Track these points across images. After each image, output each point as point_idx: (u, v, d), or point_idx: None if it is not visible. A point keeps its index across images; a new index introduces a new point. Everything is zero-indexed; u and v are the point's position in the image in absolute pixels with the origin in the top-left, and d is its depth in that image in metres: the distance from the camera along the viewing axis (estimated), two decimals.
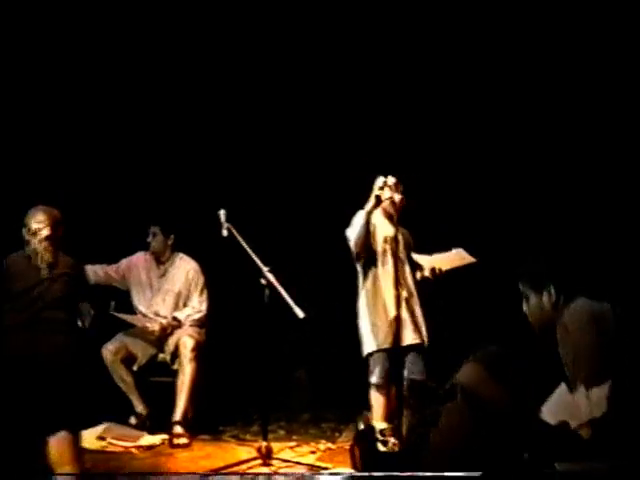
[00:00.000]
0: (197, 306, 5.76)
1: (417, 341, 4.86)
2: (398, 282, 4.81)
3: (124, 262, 5.86)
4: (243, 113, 6.43)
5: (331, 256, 6.18)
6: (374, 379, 4.83)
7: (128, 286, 5.82)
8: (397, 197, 4.99)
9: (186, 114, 6.42)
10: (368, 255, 4.96)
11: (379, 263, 4.96)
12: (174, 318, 5.70)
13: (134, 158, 6.43)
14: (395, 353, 4.81)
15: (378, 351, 4.82)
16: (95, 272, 5.69)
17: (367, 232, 4.87)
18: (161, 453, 5.10)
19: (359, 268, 5.00)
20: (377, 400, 4.84)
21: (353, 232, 4.91)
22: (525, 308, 3.37)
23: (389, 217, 5.05)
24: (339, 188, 6.16)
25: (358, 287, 4.99)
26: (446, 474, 2.30)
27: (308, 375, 6.38)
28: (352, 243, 4.91)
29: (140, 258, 5.87)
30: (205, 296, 5.79)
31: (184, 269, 5.81)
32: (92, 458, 4.57)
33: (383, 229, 5.03)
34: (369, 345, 4.87)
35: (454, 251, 5.06)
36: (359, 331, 4.94)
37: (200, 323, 5.73)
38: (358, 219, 4.91)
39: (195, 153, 6.45)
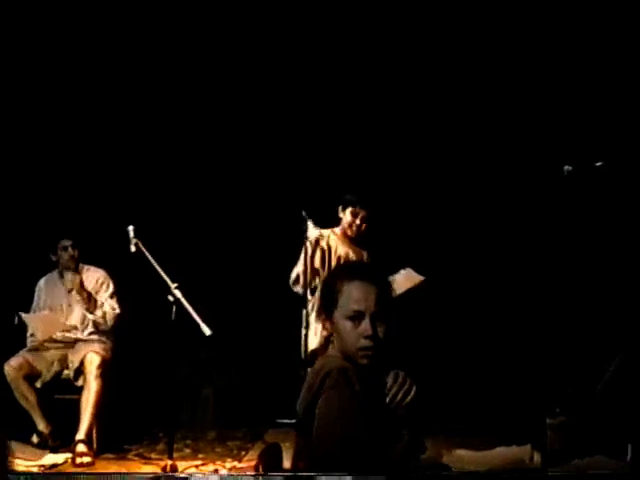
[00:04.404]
0: (114, 304, 5.63)
1: None
2: None
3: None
4: (156, 128, 6.36)
5: (240, 274, 6.24)
6: None
7: None
8: (357, 222, 5.13)
9: (100, 126, 6.31)
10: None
11: None
12: (94, 322, 5.58)
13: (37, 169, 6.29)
14: None
15: None
16: None
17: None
18: (63, 472, 5.01)
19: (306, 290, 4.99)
20: None
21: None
22: None
23: (346, 240, 5.19)
24: (251, 205, 6.18)
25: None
26: None
27: (215, 393, 6.35)
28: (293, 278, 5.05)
29: (40, 288, 5.75)
30: (116, 299, 5.68)
31: (93, 277, 5.70)
32: None
33: (338, 251, 5.14)
34: None
35: (403, 272, 5.08)
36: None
37: (112, 329, 5.62)
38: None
39: (104, 168, 6.34)
